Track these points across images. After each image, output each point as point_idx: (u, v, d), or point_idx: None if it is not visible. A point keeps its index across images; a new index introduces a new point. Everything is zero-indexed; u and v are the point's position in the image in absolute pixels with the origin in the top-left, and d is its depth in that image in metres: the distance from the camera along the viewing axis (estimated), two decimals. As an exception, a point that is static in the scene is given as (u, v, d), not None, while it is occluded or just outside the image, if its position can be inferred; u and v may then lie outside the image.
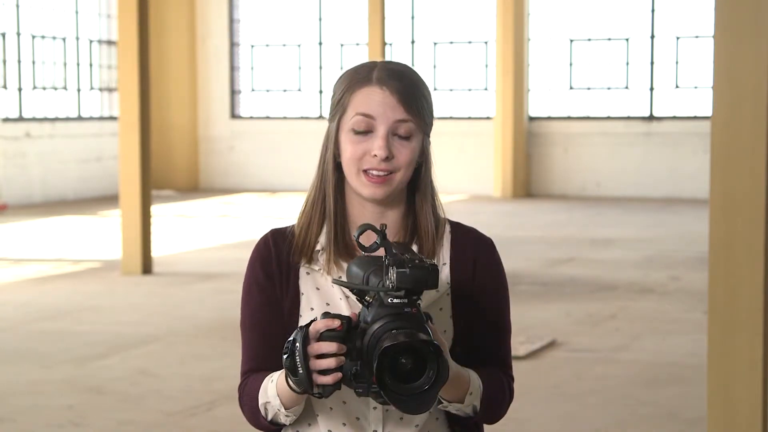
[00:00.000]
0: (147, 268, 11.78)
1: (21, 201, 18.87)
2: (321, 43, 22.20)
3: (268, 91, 22.76)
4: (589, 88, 20.95)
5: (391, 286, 2.11)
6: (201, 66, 22.81)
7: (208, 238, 14.72)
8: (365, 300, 2.18)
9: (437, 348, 2.08)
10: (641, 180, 20.28)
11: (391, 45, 21.15)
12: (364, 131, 2.30)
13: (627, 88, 20.73)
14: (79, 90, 20.81)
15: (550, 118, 21.03)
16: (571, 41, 20.98)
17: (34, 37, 19.76)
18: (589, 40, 20.89)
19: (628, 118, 20.57)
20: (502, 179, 20.41)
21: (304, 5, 22.27)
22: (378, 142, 2.29)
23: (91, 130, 20.70)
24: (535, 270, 11.84)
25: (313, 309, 2.37)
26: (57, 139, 19.85)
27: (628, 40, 20.66)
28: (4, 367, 7.85)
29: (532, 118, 20.97)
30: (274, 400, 2.29)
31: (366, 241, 2.22)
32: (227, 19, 22.65)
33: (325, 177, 2.37)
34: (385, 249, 2.16)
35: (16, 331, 9.09)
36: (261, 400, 2.32)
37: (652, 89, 20.53)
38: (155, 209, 14.59)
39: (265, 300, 2.39)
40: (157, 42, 21.55)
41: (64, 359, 8.04)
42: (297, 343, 2.13)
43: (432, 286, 2.12)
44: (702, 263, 10.72)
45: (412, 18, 21.74)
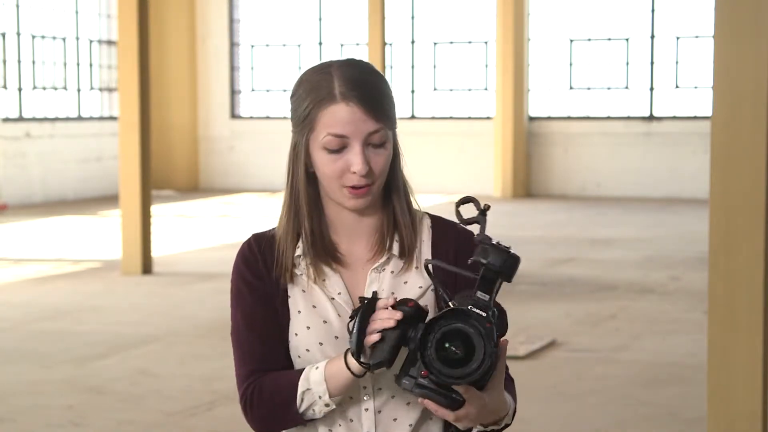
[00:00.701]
0: (147, 268, 11.78)
1: (21, 201, 18.87)
2: (321, 43, 22.20)
3: (268, 91, 22.76)
4: (589, 88, 20.95)
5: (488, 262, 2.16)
6: (201, 66, 22.81)
7: (208, 238, 14.72)
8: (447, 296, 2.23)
9: (489, 331, 2.12)
10: (641, 180, 20.28)
11: (391, 45, 21.16)
12: (338, 149, 2.30)
13: (627, 88, 20.73)
14: (79, 90, 20.81)
15: (550, 118, 21.02)
16: (571, 41, 20.98)
17: (34, 37, 19.76)
18: (589, 40, 20.89)
19: (628, 118, 20.57)
20: (502, 179, 20.40)
21: (304, 5, 22.27)
22: (356, 159, 2.29)
23: (91, 130, 20.71)
24: (535, 270, 11.84)
25: (300, 312, 2.37)
26: (57, 139, 19.85)
27: (628, 40, 20.66)
28: (4, 367, 7.85)
29: (532, 118, 20.97)
30: (318, 386, 2.29)
31: (465, 212, 2.28)
32: (227, 19, 22.65)
33: (296, 191, 2.37)
34: (480, 226, 2.22)
35: (16, 331, 9.09)
36: (301, 388, 2.31)
37: (652, 89, 20.53)
38: (155, 209, 14.59)
39: (258, 298, 2.39)
40: (157, 42, 21.56)
41: (64, 359, 8.04)
42: (362, 309, 2.21)
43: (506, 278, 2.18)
44: (702, 263, 10.72)
45: (412, 18, 21.74)
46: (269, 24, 22.54)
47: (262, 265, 2.39)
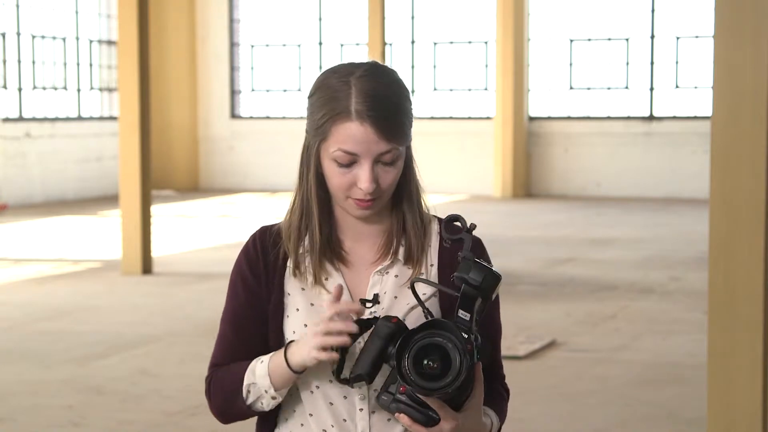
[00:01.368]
0: (147, 268, 11.78)
1: (21, 201, 18.87)
2: (321, 43, 22.20)
3: (268, 91, 22.76)
4: (589, 88, 20.95)
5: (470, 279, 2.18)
6: (201, 66, 22.81)
7: (208, 238, 14.72)
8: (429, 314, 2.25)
9: (464, 345, 2.12)
10: (641, 180, 20.28)
11: (391, 45, 21.16)
12: (348, 164, 2.30)
13: (627, 88, 20.73)
14: (79, 90, 20.81)
15: (550, 118, 21.03)
16: (571, 41, 20.98)
17: (34, 37, 19.76)
18: (589, 40, 20.89)
19: (628, 118, 20.57)
20: (502, 179, 20.41)
21: (304, 5, 22.27)
22: (364, 176, 2.28)
23: (91, 130, 20.71)
24: (535, 270, 11.84)
25: (298, 310, 2.38)
26: (57, 139, 19.85)
27: (628, 40, 20.66)
28: (4, 367, 7.85)
29: (532, 118, 20.97)
30: (262, 380, 2.32)
31: (450, 230, 2.31)
32: (227, 19, 22.65)
33: (306, 189, 2.38)
34: (465, 243, 2.24)
35: (16, 331, 9.09)
36: (246, 381, 2.34)
37: (652, 89, 20.53)
38: (155, 209, 14.59)
39: (249, 300, 2.42)
40: (157, 42, 21.56)
41: (64, 359, 8.04)
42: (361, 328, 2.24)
43: (485, 297, 2.19)
44: (702, 263, 10.72)
45: (412, 18, 21.74)
46: (269, 24, 22.54)
47: (262, 265, 2.41)
